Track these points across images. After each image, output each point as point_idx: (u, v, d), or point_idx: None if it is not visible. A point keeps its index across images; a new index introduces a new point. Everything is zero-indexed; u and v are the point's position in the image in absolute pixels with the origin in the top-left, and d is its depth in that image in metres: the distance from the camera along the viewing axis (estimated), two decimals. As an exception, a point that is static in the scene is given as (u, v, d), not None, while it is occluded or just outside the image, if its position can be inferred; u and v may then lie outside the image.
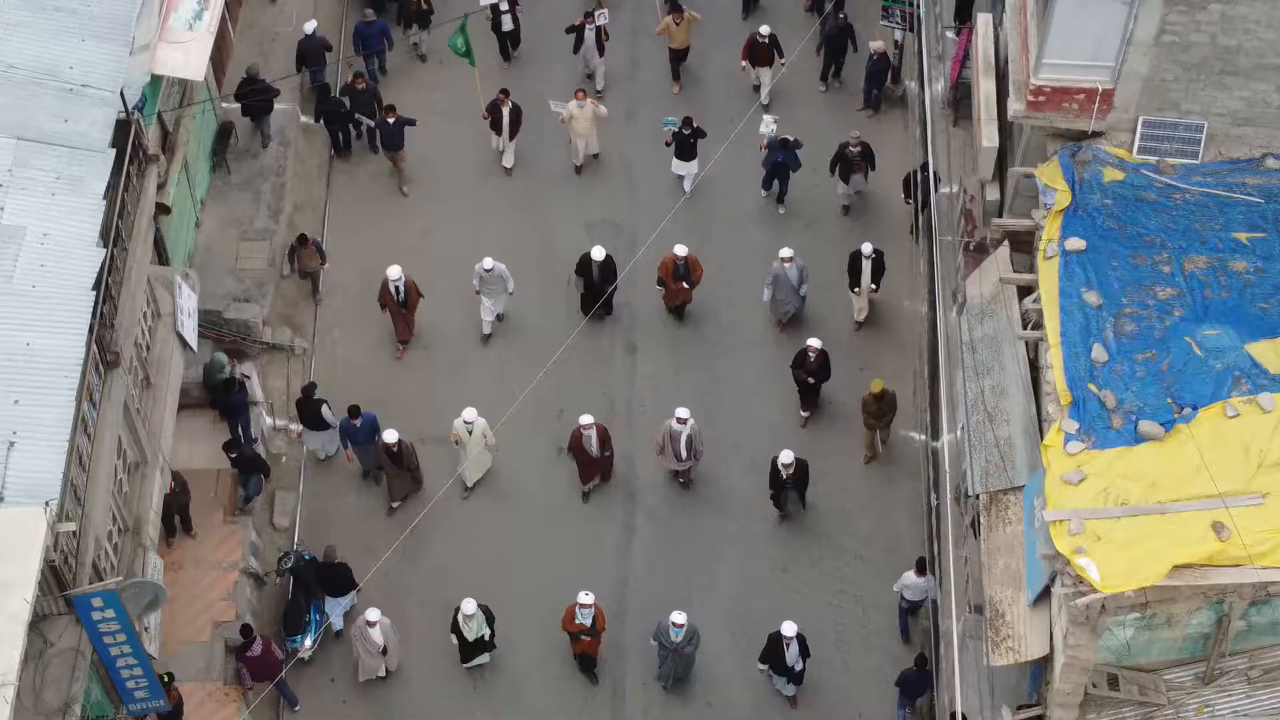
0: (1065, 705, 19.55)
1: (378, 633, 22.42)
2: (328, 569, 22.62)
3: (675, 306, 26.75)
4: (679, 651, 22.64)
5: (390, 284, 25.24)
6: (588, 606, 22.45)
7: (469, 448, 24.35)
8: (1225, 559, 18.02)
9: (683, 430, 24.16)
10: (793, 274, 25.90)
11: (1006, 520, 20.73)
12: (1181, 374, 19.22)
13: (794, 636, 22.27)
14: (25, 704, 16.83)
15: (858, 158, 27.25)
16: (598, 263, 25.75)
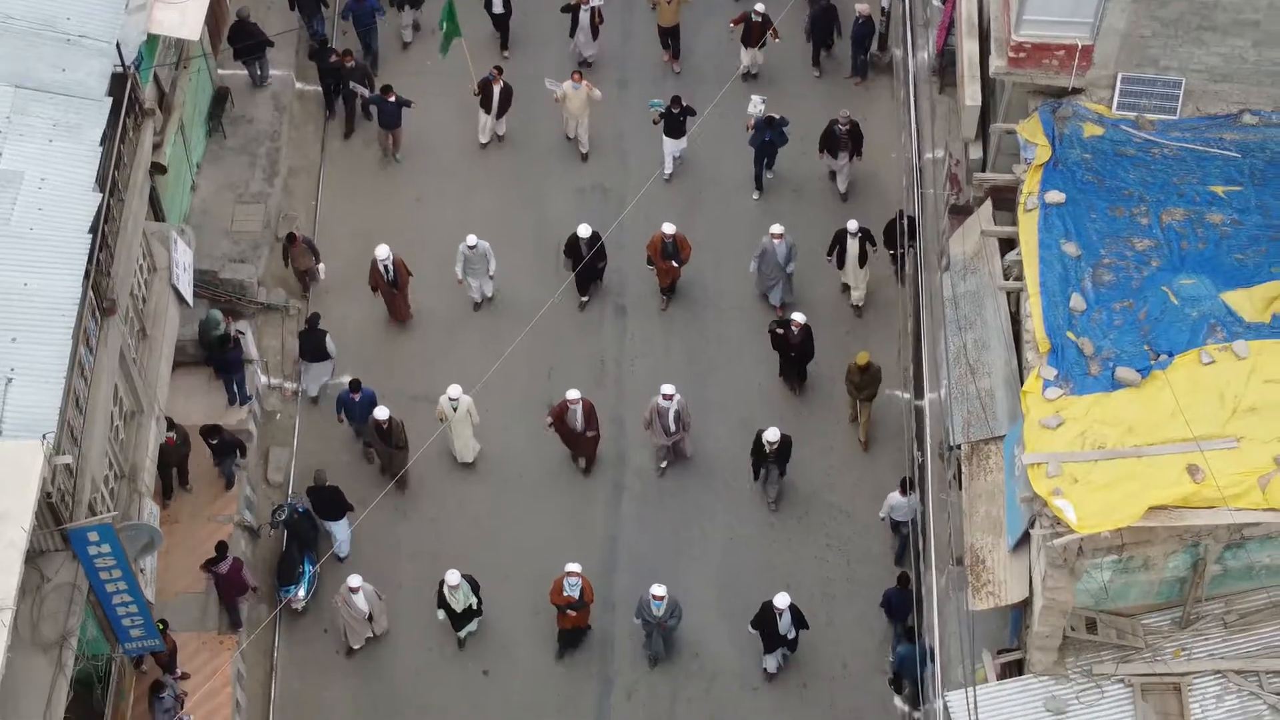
0: (1044, 648, 19.89)
1: (361, 599, 22.61)
2: (319, 492, 23.00)
3: (666, 285, 26.94)
4: (662, 625, 22.81)
5: (379, 263, 25.35)
6: (575, 575, 22.65)
7: (455, 425, 24.56)
8: (1200, 501, 18.38)
9: (669, 406, 24.38)
10: (781, 250, 26.09)
11: (987, 469, 21.11)
12: (1158, 322, 19.58)
13: (787, 608, 22.44)
14: (23, 636, 17.17)
15: (845, 135, 27.50)
16: (584, 240, 25.96)
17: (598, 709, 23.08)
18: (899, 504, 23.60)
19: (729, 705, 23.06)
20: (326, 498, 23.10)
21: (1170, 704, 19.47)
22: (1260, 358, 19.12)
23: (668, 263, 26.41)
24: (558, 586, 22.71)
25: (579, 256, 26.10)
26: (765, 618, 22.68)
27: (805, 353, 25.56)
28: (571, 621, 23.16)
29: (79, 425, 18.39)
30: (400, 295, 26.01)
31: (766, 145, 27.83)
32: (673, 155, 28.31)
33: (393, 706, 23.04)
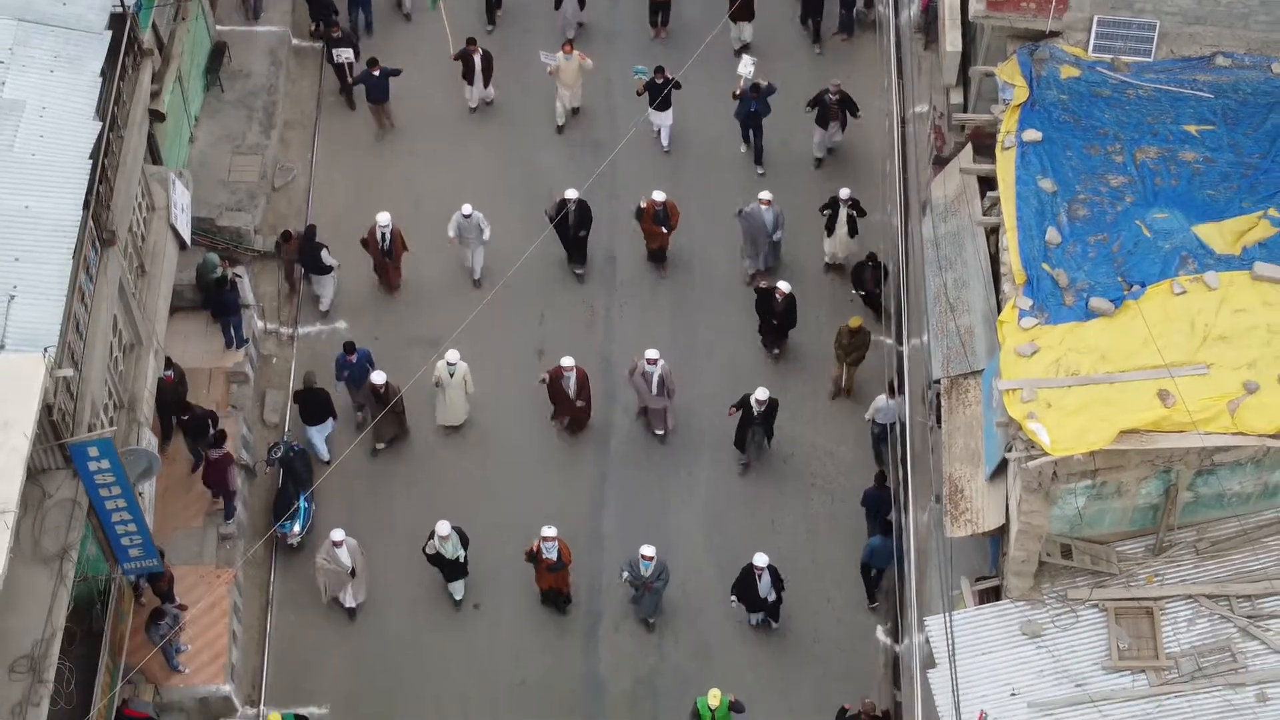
0: (1020, 574, 20.37)
1: (344, 552, 22.92)
2: (307, 394, 23.48)
3: (654, 251, 27.28)
4: (649, 586, 23.06)
5: (378, 230, 25.63)
6: (551, 540, 22.85)
7: (449, 390, 24.85)
8: (1170, 425, 18.82)
9: (654, 371, 24.70)
10: (768, 217, 26.38)
11: (966, 403, 21.62)
12: (1131, 254, 20.07)
13: (765, 567, 22.76)
14: (24, 550, 17.70)
15: (835, 105, 27.84)
16: (573, 202, 26.30)
17: (586, 640, 23.55)
18: (884, 406, 24.21)
19: (714, 636, 23.53)
20: (314, 400, 23.60)
21: (1143, 627, 19.98)
22: (1230, 289, 19.61)
23: (657, 228, 26.76)
24: (536, 545, 23.08)
25: (565, 221, 26.44)
26: (745, 581, 23.03)
27: (788, 321, 25.95)
28: (550, 582, 23.41)
29: (79, 350, 18.89)
30: (393, 265, 26.31)
31: (751, 116, 28.11)
32: (661, 129, 28.60)
33: (384, 639, 23.52)
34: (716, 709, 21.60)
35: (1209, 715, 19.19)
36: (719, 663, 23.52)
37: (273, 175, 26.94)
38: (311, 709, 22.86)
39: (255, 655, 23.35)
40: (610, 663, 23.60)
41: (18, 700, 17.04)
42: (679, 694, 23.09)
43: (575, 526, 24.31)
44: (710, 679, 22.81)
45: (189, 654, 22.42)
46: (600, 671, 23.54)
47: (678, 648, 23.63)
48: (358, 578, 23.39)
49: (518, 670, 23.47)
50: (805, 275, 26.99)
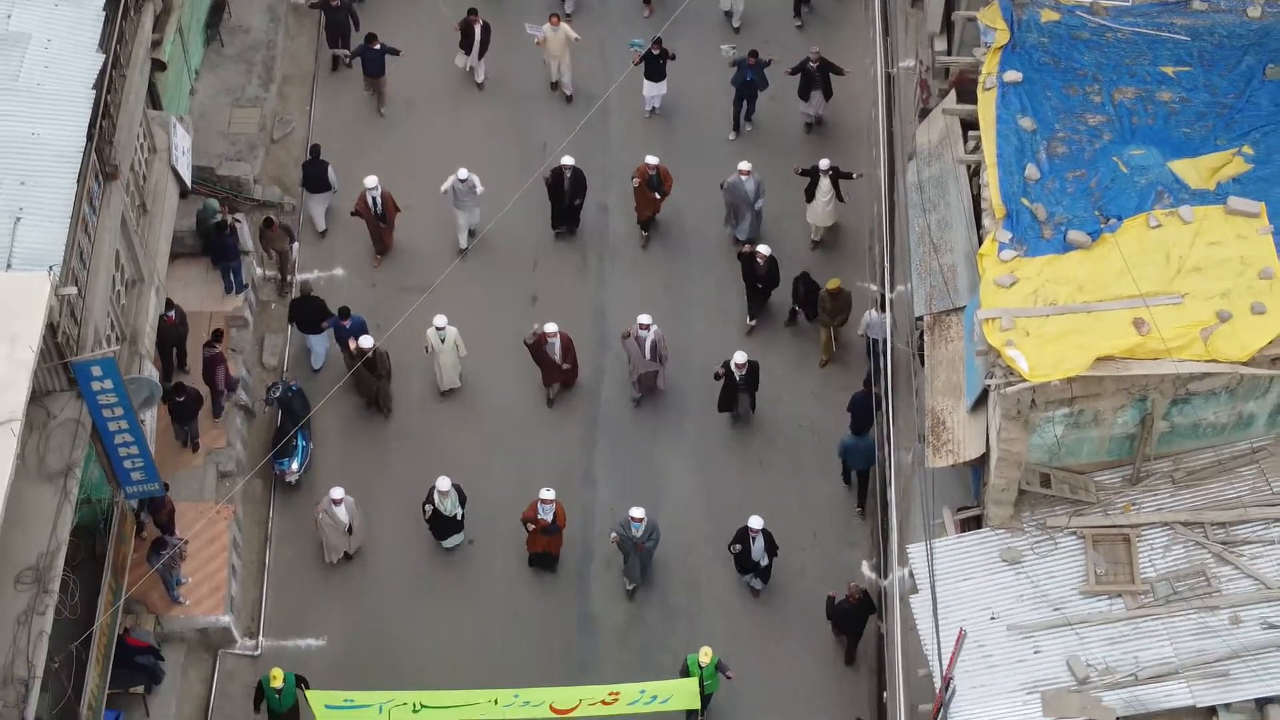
0: (1000, 502, 20.85)
1: (343, 511, 23.33)
2: (304, 303, 24.01)
3: (645, 218, 27.64)
4: (640, 547, 23.42)
5: (367, 194, 25.95)
6: (549, 503, 23.21)
7: (441, 355, 25.21)
8: (1145, 352, 19.27)
9: (646, 336, 25.03)
10: (749, 186, 26.74)
11: (948, 338, 22.11)
12: (1108, 189, 20.56)
13: (760, 530, 23.15)
14: (30, 468, 18.22)
15: (816, 73, 28.24)
16: (569, 169, 26.60)
17: (579, 574, 24.02)
18: (876, 321, 24.71)
19: (702, 570, 24.01)
20: (311, 309, 24.12)
21: (1120, 553, 20.45)
22: (1204, 222, 20.08)
23: (651, 194, 27.09)
24: (532, 507, 23.46)
25: (560, 188, 26.84)
26: (739, 543, 23.40)
27: (771, 282, 26.31)
28: (543, 545, 23.79)
29: (83, 278, 19.41)
30: (386, 229, 26.66)
31: (747, 85, 28.52)
32: (653, 98, 28.98)
33: (380, 573, 24.00)
34: (706, 666, 21.98)
35: (1184, 637, 19.63)
36: (708, 598, 24.03)
37: (271, 127, 27.48)
38: (309, 640, 23.40)
39: (254, 588, 23.90)
40: (601, 600, 24.05)
41: (23, 609, 17.57)
42: (668, 628, 23.64)
43: (566, 487, 24.62)
44: (699, 614, 23.37)
45: (189, 586, 22.96)
46: (593, 608, 24.00)
47: (666, 576, 24.07)
48: (355, 534, 23.82)
49: (510, 604, 23.93)
50: (791, 242, 27.39)
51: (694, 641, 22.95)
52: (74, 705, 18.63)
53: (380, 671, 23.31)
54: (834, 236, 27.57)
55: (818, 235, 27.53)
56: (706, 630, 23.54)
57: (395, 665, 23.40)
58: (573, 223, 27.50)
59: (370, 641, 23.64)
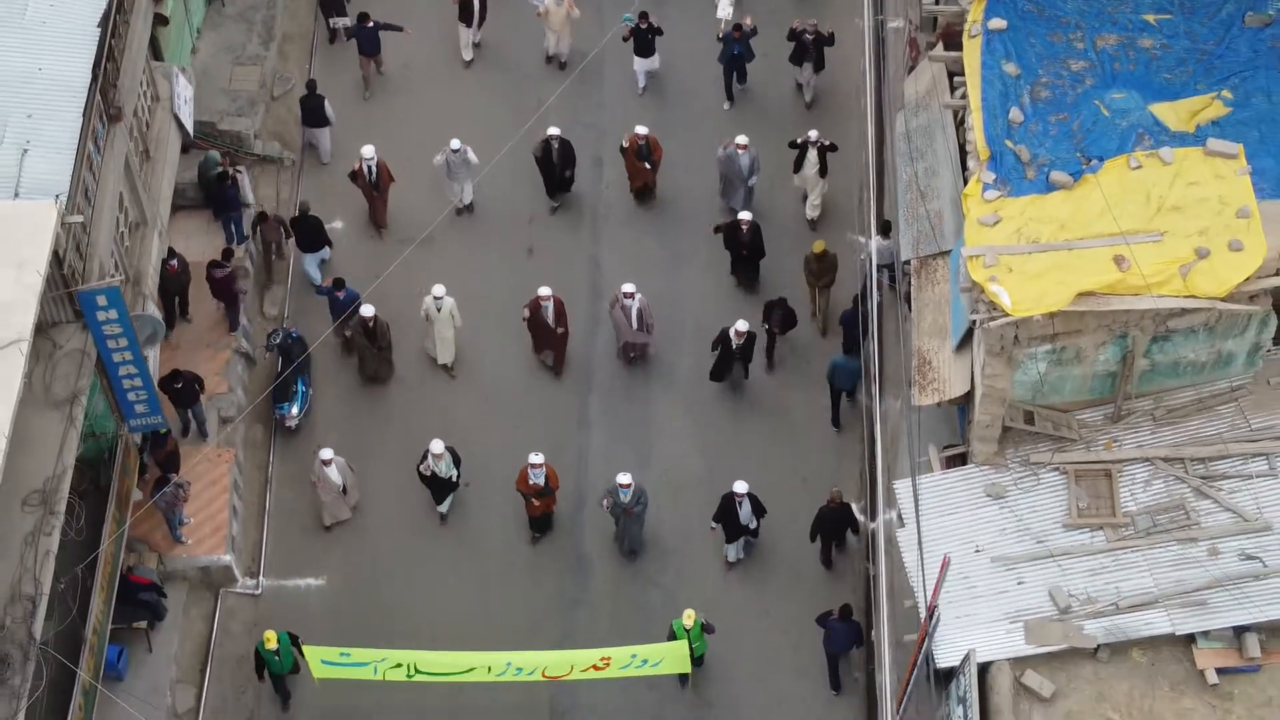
0: (984, 439, 21.33)
1: (334, 471, 23.57)
2: (303, 221, 24.45)
3: (638, 188, 27.86)
4: (629, 512, 23.63)
5: (363, 163, 26.24)
6: (539, 467, 23.44)
7: (437, 324, 25.42)
8: (1125, 288, 19.73)
9: (631, 304, 25.21)
10: (744, 161, 26.90)
11: (934, 281, 22.57)
12: (1090, 132, 21.02)
13: (745, 494, 23.33)
14: (36, 396, 18.69)
15: (811, 44, 28.52)
16: (556, 140, 26.85)
17: (572, 533, 24.47)
18: (881, 248, 25.03)
19: (693, 508, 24.53)
20: (309, 227, 24.57)
21: (1101, 488, 20.93)
22: (1184, 163, 20.53)
23: (641, 164, 27.32)
24: (523, 475, 23.65)
25: (549, 159, 27.07)
26: (726, 508, 23.62)
27: (756, 250, 26.50)
28: (539, 508, 24.06)
29: (88, 215, 19.87)
30: (380, 198, 26.85)
31: (735, 59, 28.77)
32: (644, 73, 29.21)
33: (379, 516, 24.45)
34: (691, 629, 22.20)
35: (1163, 568, 20.13)
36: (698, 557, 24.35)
37: (272, 85, 27.94)
38: (309, 580, 23.86)
39: (255, 530, 24.34)
40: (595, 541, 24.47)
41: (30, 530, 18.05)
42: (659, 589, 24.07)
43: (560, 451, 24.87)
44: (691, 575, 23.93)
45: (191, 526, 23.38)
46: (586, 548, 24.46)
47: (656, 515, 24.48)
48: (349, 494, 24.16)
49: (507, 549, 24.36)
50: (783, 218, 27.64)
51: (684, 602, 23.26)
52: (79, 628, 19.10)
53: (378, 612, 23.74)
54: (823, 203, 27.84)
55: (813, 213, 27.71)
56: (699, 589, 23.91)
57: (392, 605, 23.85)
58: (564, 193, 27.78)
59: (368, 582, 24.05)
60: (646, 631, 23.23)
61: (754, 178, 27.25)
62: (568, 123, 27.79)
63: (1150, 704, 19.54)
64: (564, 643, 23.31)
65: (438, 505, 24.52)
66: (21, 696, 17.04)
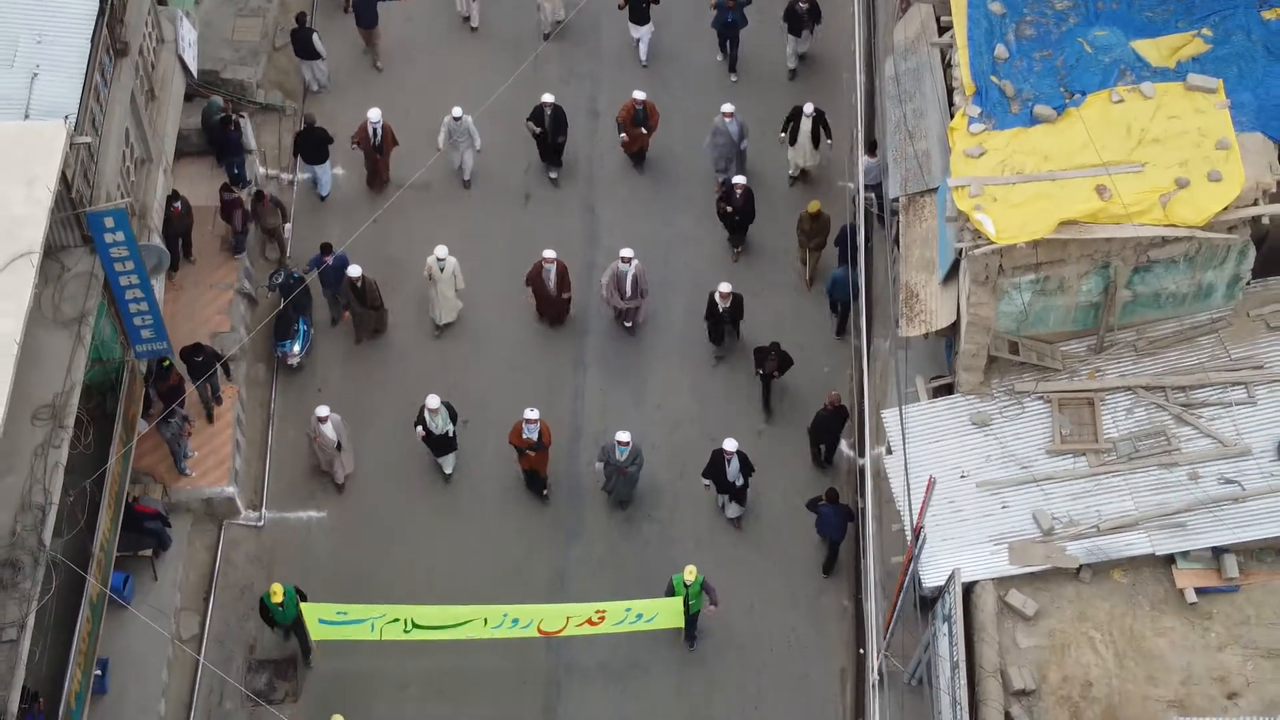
0: (970, 368, 21.82)
1: (330, 428, 23.81)
2: (308, 133, 24.95)
3: (634, 153, 28.12)
4: (623, 471, 23.87)
5: (369, 125, 26.54)
6: (533, 422, 23.68)
7: (439, 284, 25.73)
8: (1107, 217, 20.22)
9: (627, 270, 25.45)
10: (733, 128, 27.13)
11: (922, 218, 23.07)
12: (1074, 68, 21.50)
13: (735, 452, 23.62)
14: (45, 316, 19.21)
15: (805, 15, 28.87)
16: (549, 106, 27.16)
17: (569, 452, 24.98)
18: (868, 167, 25.48)
19: (686, 447, 25.01)
20: (314, 138, 25.07)
21: (1084, 415, 21.41)
22: (1165, 98, 21.02)
23: (637, 129, 27.59)
24: (517, 430, 23.92)
25: (544, 126, 27.30)
26: (715, 465, 23.92)
27: (747, 214, 26.78)
28: (531, 463, 24.25)
29: (95, 146, 20.37)
30: (382, 161, 27.12)
31: (729, 27, 28.99)
32: (640, 41, 29.39)
33: (380, 450, 24.92)
34: (691, 585, 22.40)
35: (1144, 492, 20.63)
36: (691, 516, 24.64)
37: (273, 35, 28.43)
38: (310, 513, 24.37)
39: (257, 464, 24.84)
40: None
41: (40, 442, 18.56)
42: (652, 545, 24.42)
43: (556, 409, 25.20)
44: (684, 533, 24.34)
45: (195, 460, 23.87)
46: (580, 501, 24.86)
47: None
48: (345, 450, 24.43)
49: (502, 501, 24.77)
50: (773, 183, 27.93)
51: (676, 557, 23.66)
52: (87, 543, 19.61)
53: (376, 543, 24.22)
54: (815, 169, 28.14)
55: (795, 171, 28.08)
56: (692, 547, 24.21)
57: (391, 534, 24.31)
58: (557, 160, 28.01)
59: (371, 512, 24.54)
60: (640, 584, 23.54)
61: (745, 142, 27.52)
62: (562, 86, 28.04)
63: (1131, 623, 20.03)
64: (558, 595, 23.61)
65: (439, 461, 24.77)
66: (32, 599, 17.56)
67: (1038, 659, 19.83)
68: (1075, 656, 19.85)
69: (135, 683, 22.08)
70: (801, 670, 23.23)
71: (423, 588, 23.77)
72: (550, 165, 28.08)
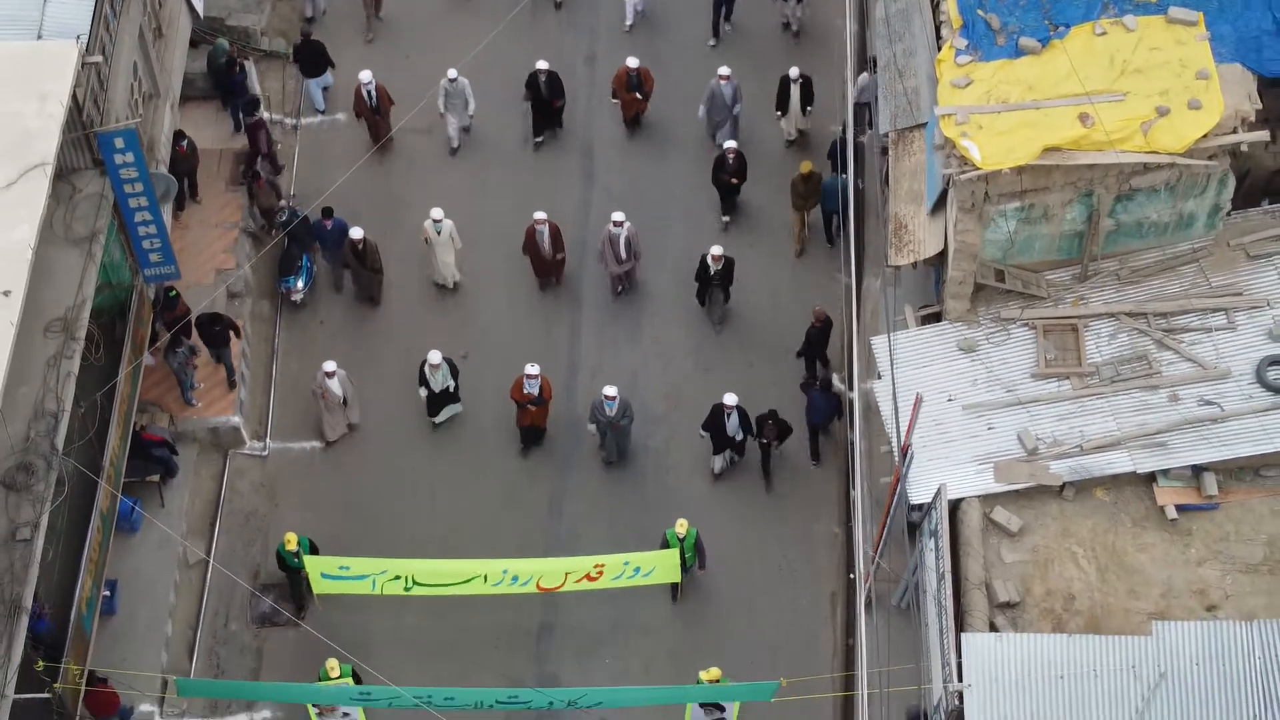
0: (957, 296, 22.36)
1: (335, 384, 24.18)
2: (305, 46, 25.54)
3: (630, 118, 28.48)
4: (615, 426, 24.19)
5: (362, 88, 26.87)
6: (534, 377, 24.02)
7: (437, 247, 26.02)
8: (1089, 144, 20.78)
9: (620, 233, 25.73)
10: (727, 91, 27.48)
11: (911, 152, 23.62)
12: (1058, 1, 22.02)
13: (735, 407, 23.97)
14: (57, 234, 19.77)
15: None
16: (543, 74, 27.47)
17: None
18: (866, 83, 25.95)
19: (679, 374, 25.41)
20: (312, 51, 25.64)
21: (1068, 341, 21.95)
22: (1147, 30, 21.55)
23: (631, 95, 27.89)
24: (518, 384, 24.28)
25: (538, 92, 27.71)
26: (714, 419, 24.22)
27: (741, 178, 27.02)
28: (530, 418, 24.62)
29: (104, 73, 20.91)
30: (382, 121, 27.44)
31: None
32: (634, 7, 29.74)
33: (380, 387, 25.43)
34: (685, 539, 22.73)
35: (1126, 413, 21.15)
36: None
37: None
38: (314, 443, 24.90)
39: (261, 397, 25.36)
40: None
41: (52, 354, 19.13)
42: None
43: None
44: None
45: (201, 391, 24.39)
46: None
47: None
48: (350, 405, 24.82)
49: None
50: (767, 148, 28.22)
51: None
52: (98, 456, 20.18)
53: (377, 472, 24.77)
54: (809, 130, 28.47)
55: (791, 135, 28.42)
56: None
57: (391, 463, 24.87)
58: (555, 125, 28.36)
59: (374, 441, 25.08)
60: (636, 536, 23.88)
61: (738, 106, 27.78)
62: (557, 54, 28.34)
63: (1113, 539, 20.55)
64: (554, 550, 23.92)
65: (433, 419, 25.10)
66: (45, 501, 18.12)
67: (1022, 573, 20.34)
68: (1058, 571, 20.35)
69: (143, 604, 22.61)
70: (792, 594, 23.75)
71: (425, 512, 24.33)
72: (546, 131, 28.32)
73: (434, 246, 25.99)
